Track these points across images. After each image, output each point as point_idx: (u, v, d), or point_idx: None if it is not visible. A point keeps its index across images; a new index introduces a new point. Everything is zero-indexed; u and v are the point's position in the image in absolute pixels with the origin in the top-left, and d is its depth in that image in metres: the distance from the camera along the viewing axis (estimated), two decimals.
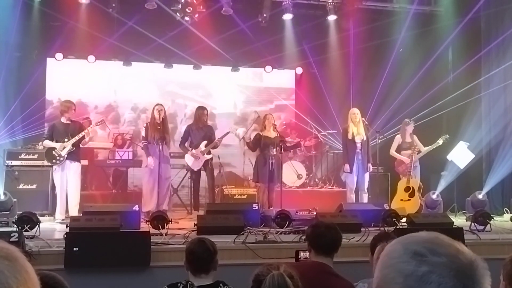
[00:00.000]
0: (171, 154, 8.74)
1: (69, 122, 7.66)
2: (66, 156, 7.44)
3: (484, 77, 9.72)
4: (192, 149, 8.43)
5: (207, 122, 8.74)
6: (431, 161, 9.12)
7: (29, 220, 5.74)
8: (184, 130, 8.78)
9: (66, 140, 7.45)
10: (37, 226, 5.72)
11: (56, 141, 7.48)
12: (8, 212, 6.77)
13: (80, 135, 7.53)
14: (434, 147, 8.79)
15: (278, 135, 8.58)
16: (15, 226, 5.70)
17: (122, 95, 11.61)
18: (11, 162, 8.31)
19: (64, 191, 7.49)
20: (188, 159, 8.48)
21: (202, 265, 3.20)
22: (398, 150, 8.91)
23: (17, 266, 0.88)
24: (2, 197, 6.94)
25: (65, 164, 7.49)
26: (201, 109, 8.75)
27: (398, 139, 8.98)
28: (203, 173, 8.60)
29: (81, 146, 7.75)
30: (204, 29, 10.44)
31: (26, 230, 5.55)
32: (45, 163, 7.93)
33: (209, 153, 8.50)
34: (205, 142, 8.40)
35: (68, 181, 7.51)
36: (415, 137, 8.94)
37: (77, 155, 7.63)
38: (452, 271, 0.91)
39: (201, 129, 8.53)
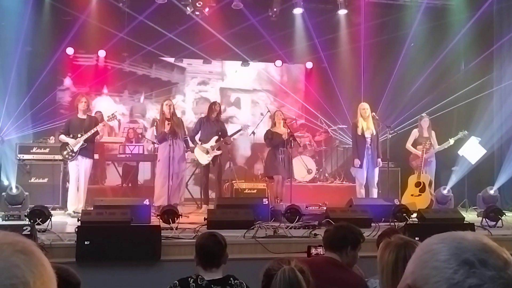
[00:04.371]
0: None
1: (84, 117, 7.71)
2: (78, 151, 7.49)
3: (496, 71, 9.63)
4: (201, 143, 8.42)
5: (219, 117, 8.70)
6: (442, 157, 9.06)
7: (41, 214, 5.80)
8: (196, 122, 8.77)
9: (79, 135, 7.50)
10: (49, 219, 5.78)
11: (72, 136, 7.54)
12: (20, 206, 6.84)
13: (93, 131, 7.56)
14: (446, 147, 8.76)
15: (288, 130, 8.55)
16: (27, 219, 5.77)
17: None
18: (23, 156, 8.36)
19: (76, 184, 7.55)
20: (197, 153, 8.45)
21: (213, 259, 3.19)
22: (415, 144, 8.85)
23: (34, 260, 0.88)
24: (14, 191, 7.00)
25: (78, 160, 7.55)
26: (213, 104, 8.74)
27: (415, 133, 8.91)
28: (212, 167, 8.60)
29: (95, 141, 7.76)
30: (214, 23, 10.43)
31: (38, 224, 5.61)
32: (56, 157, 8.01)
33: (218, 148, 8.46)
34: (215, 137, 8.37)
35: (79, 175, 7.57)
36: (433, 133, 8.89)
37: (89, 151, 7.68)
38: (500, 286, 0.88)
39: (213, 123, 8.49)
